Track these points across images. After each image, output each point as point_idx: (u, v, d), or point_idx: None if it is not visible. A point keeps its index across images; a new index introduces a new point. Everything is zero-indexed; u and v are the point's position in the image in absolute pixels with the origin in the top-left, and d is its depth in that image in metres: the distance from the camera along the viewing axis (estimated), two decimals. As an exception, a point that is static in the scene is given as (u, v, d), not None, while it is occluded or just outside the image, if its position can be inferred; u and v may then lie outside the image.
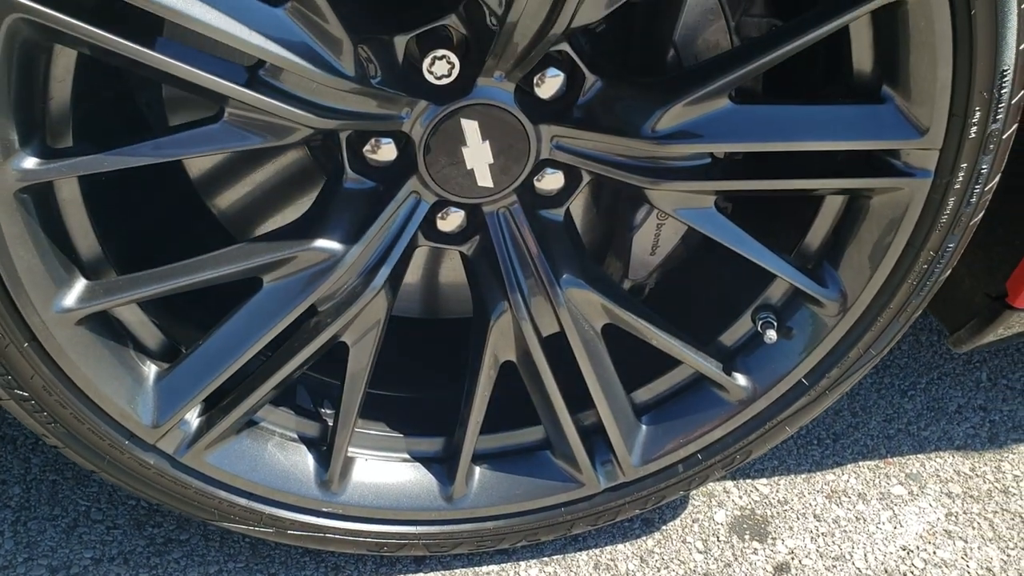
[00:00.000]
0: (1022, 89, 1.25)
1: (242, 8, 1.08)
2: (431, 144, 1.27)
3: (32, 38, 1.05)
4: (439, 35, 1.22)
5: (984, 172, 1.30)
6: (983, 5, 1.14)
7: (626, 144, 1.28)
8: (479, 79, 1.23)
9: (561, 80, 1.27)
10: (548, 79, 1.27)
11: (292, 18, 1.10)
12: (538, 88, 1.27)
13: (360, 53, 1.17)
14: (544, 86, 1.27)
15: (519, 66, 1.21)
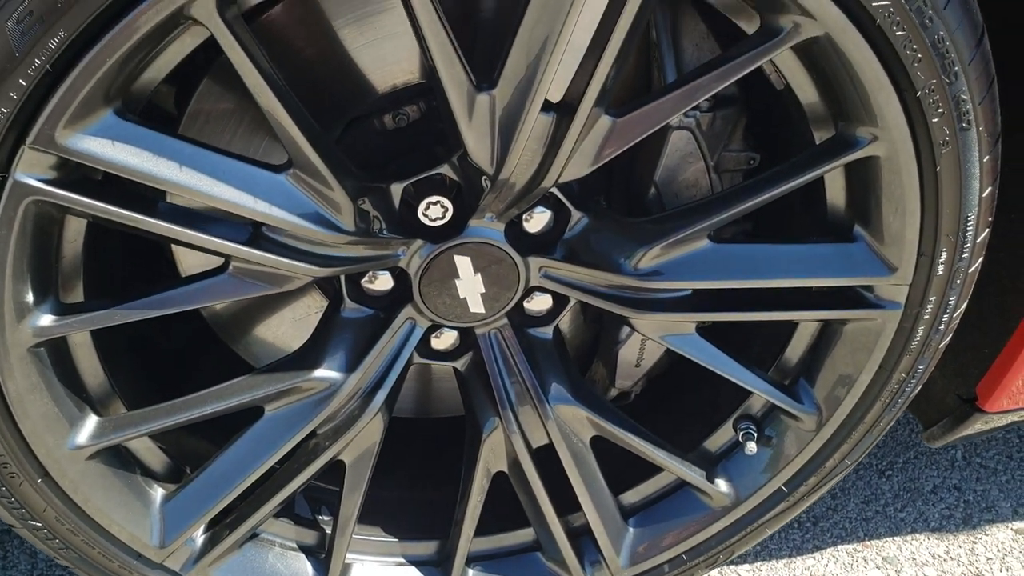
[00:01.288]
0: (986, 229, 1.32)
1: (245, 178, 1.14)
2: (426, 277, 1.33)
3: (46, 212, 1.11)
4: (433, 182, 1.28)
5: (952, 303, 1.37)
6: (947, 163, 1.21)
7: (609, 278, 1.34)
8: (471, 220, 1.30)
9: (548, 216, 1.34)
10: (536, 215, 1.33)
11: (293, 184, 1.17)
12: (527, 223, 1.34)
13: (359, 208, 1.23)
14: (532, 221, 1.34)
15: (509, 210, 1.28)
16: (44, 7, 0.93)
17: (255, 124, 1.33)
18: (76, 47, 0.96)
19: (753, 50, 1.13)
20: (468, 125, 1.15)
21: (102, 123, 1.04)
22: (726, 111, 1.37)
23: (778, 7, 1.10)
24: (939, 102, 1.16)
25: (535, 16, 1.06)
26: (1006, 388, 1.58)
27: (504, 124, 1.16)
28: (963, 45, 1.14)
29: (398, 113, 1.36)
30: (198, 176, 1.10)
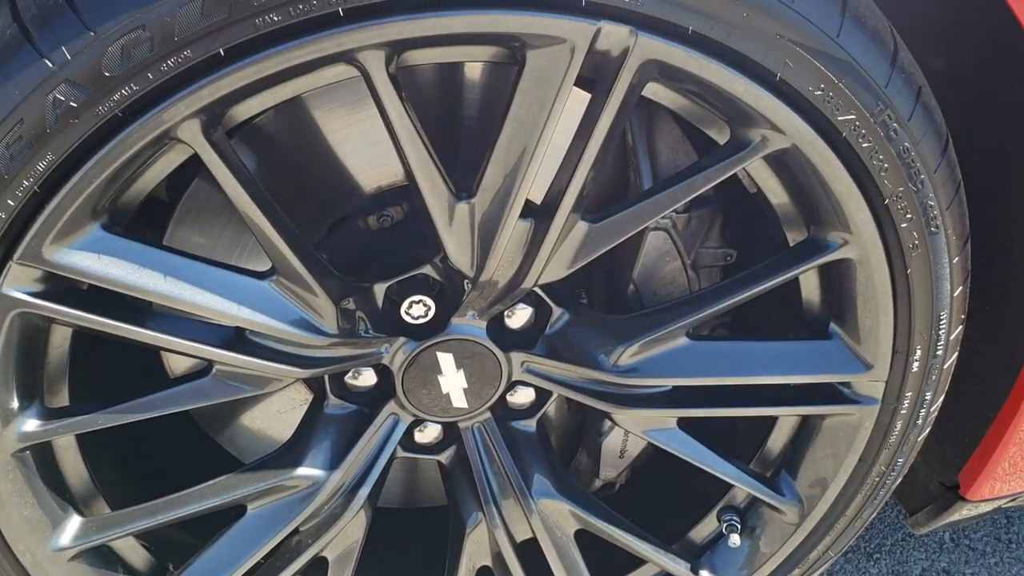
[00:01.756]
0: (959, 326, 1.35)
1: (229, 285, 1.16)
2: (409, 373, 1.34)
3: (32, 322, 1.13)
4: (416, 281, 1.31)
5: (928, 398, 1.39)
6: (918, 265, 1.24)
7: (590, 374, 1.36)
8: (453, 317, 1.32)
9: (530, 313, 1.36)
10: (518, 311, 1.36)
11: (277, 290, 1.19)
12: (508, 319, 1.36)
13: (342, 309, 1.25)
14: (514, 317, 1.36)
15: (490, 308, 1.30)
16: (33, 132, 0.96)
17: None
18: (64, 169, 0.99)
19: (724, 160, 1.16)
20: (448, 232, 1.18)
21: (89, 238, 1.06)
22: (701, 211, 1.40)
23: (747, 120, 1.13)
24: (907, 208, 1.20)
25: (512, 132, 1.10)
26: (987, 478, 1.59)
27: (483, 231, 1.19)
28: (928, 154, 1.18)
29: (382, 214, 1.39)
30: (182, 286, 1.12)
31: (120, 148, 0.99)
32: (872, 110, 1.12)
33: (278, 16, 0.94)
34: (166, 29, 0.93)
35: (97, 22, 0.93)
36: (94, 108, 0.96)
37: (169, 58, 0.94)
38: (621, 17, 1.00)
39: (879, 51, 1.10)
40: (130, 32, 0.93)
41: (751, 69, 1.06)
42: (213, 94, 0.97)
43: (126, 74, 0.95)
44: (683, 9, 1.00)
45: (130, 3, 0.92)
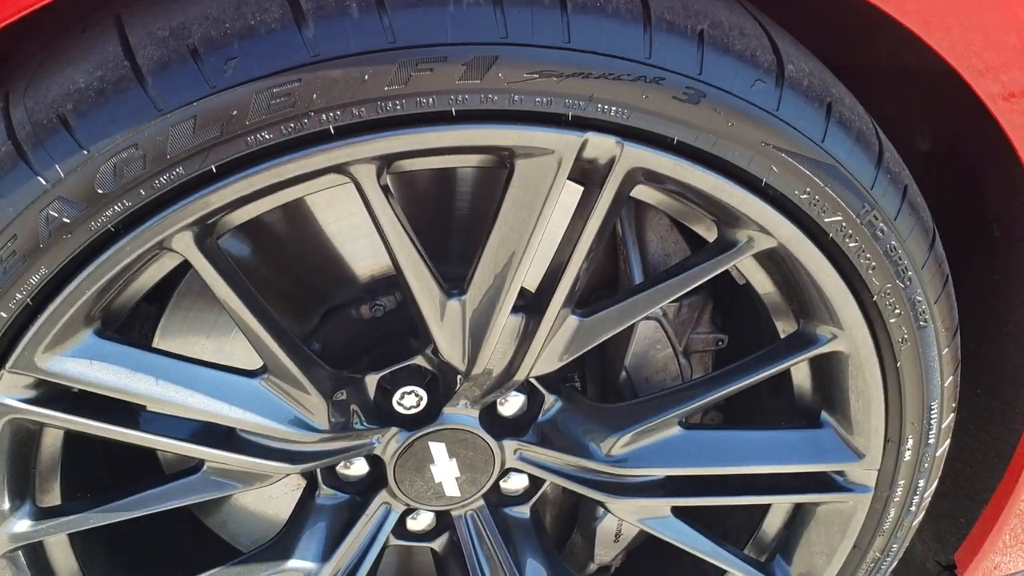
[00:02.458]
0: (951, 414, 1.35)
1: (220, 386, 1.16)
2: (401, 463, 1.34)
3: (23, 426, 1.14)
4: (408, 372, 1.31)
5: (921, 485, 1.39)
6: (908, 358, 1.25)
7: (583, 463, 1.36)
8: (445, 407, 1.32)
9: (523, 400, 1.37)
10: (510, 399, 1.36)
11: (268, 388, 1.19)
12: (501, 407, 1.36)
13: (334, 402, 1.26)
14: (507, 405, 1.36)
15: (483, 399, 1.30)
16: (27, 247, 0.97)
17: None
18: (57, 281, 1.00)
19: (712, 259, 1.17)
20: (439, 328, 1.19)
21: (81, 345, 1.07)
22: (692, 299, 1.41)
23: (734, 221, 1.14)
24: (895, 304, 1.20)
25: (501, 234, 1.11)
26: (983, 559, 1.58)
27: (474, 327, 1.19)
28: (916, 251, 1.19)
29: (374, 303, 1.40)
30: (173, 388, 1.13)
31: (113, 260, 1.00)
32: (859, 211, 1.13)
33: (270, 134, 0.95)
34: (158, 147, 0.94)
35: (91, 141, 0.94)
36: (87, 223, 0.97)
37: (161, 175, 0.96)
38: (607, 129, 1.02)
39: (864, 153, 1.12)
40: (123, 150, 0.94)
41: (737, 175, 1.08)
42: (205, 207, 0.99)
43: (119, 191, 0.96)
44: (668, 121, 1.02)
45: (123, 123, 0.93)
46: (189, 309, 1.36)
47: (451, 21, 0.94)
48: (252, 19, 0.93)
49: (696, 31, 1.01)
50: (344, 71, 0.94)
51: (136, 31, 0.96)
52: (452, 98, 0.97)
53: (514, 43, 0.95)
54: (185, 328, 1.38)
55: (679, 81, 1.00)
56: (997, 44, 1.11)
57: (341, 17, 0.93)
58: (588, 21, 0.97)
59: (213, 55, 0.92)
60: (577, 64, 0.97)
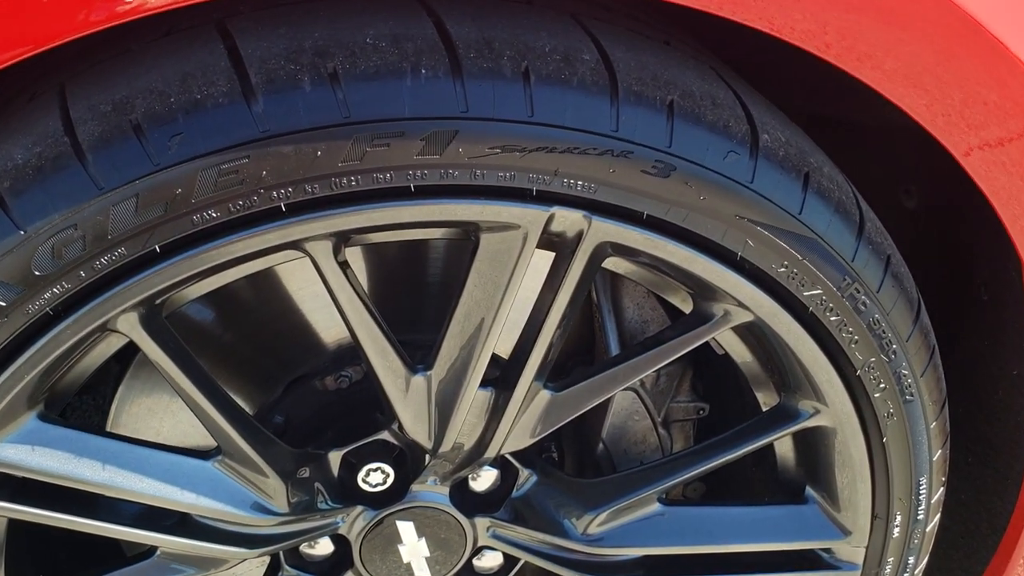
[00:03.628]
0: (940, 488, 1.30)
1: (171, 469, 1.11)
2: (367, 543, 1.28)
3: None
4: (374, 448, 1.25)
5: (911, 562, 1.34)
6: (894, 433, 1.20)
7: (558, 542, 1.30)
8: (413, 484, 1.26)
9: (495, 475, 1.31)
10: (483, 474, 1.30)
11: (222, 470, 1.14)
12: (472, 482, 1.30)
13: (296, 480, 1.20)
14: (479, 480, 1.30)
15: (452, 475, 1.25)
16: (-41, 332, 0.92)
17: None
18: (-7, 365, 0.95)
19: (688, 332, 1.12)
20: (403, 405, 1.14)
21: (23, 430, 1.01)
22: (670, 368, 1.36)
23: (710, 295, 1.10)
24: (880, 378, 1.16)
25: (467, 308, 1.06)
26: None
27: (441, 402, 1.14)
28: (900, 323, 1.14)
29: (339, 374, 1.34)
30: (121, 473, 1.07)
31: (53, 344, 0.94)
32: (839, 284, 1.08)
33: (217, 212, 0.91)
34: (99, 227, 0.89)
35: (27, 221, 0.89)
36: (24, 306, 0.92)
37: (102, 256, 0.90)
38: (574, 203, 0.97)
39: (844, 224, 1.08)
40: (62, 231, 0.89)
41: (711, 248, 1.03)
42: (150, 288, 0.93)
43: (57, 273, 0.91)
44: (637, 195, 0.98)
45: (62, 202, 0.88)
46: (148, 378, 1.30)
47: (408, 95, 0.90)
48: (198, 93, 0.88)
49: (666, 102, 0.97)
50: (296, 147, 0.89)
51: (78, 104, 0.91)
52: (410, 174, 0.92)
53: (475, 117, 0.91)
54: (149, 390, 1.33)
55: (648, 154, 0.96)
56: (973, 102, 1.07)
57: (292, 91, 0.89)
58: (552, 94, 0.93)
59: (157, 131, 0.88)
60: (541, 138, 0.93)
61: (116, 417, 1.32)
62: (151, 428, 1.34)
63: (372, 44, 0.91)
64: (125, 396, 1.31)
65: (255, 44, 0.91)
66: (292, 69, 0.89)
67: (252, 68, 0.89)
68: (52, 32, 0.81)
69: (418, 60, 0.91)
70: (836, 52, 0.91)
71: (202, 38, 0.93)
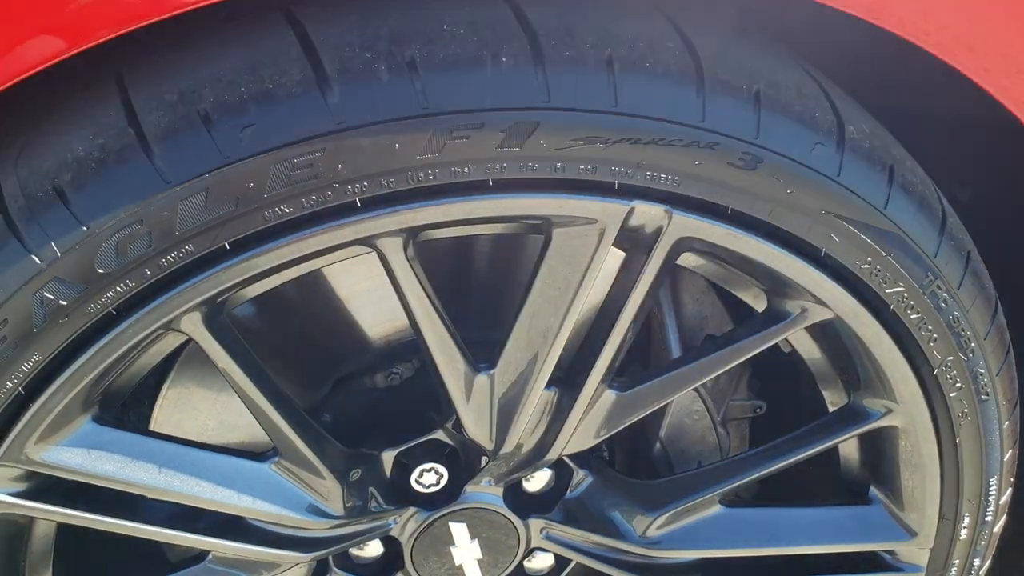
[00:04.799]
0: (1009, 489, 1.26)
1: (228, 472, 1.07)
2: (419, 545, 1.25)
3: (12, 521, 1.04)
4: (427, 448, 1.22)
5: (976, 564, 1.30)
6: (967, 433, 1.16)
7: (614, 544, 1.27)
8: (467, 485, 1.23)
9: (550, 475, 1.27)
10: (536, 474, 1.26)
11: (279, 472, 1.10)
12: (526, 482, 1.27)
13: (349, 484, 1.16)
14: (532, 480, 1.27)
15: (508, 476, 1.21)
16: (18, 333, 0.88)
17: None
18: (51, 368, 0.91)
19: (761, 332, 1.08)
20: (465, 405, 1.10)
21: (78, 433, 0.97)
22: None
23: (787, 292, 1.06)
24: (957, 377, 1.12)
25: (536, 306, 1.02)
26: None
27: (504, 404, 1.10)
28: (978, 321, 1.11)
29: (390, 371, 1.31)
30: (178, 477, 1.03)
31: (113, 345, 0.90)
32: (921, 281, 1.04)
33: (289, 208, 0.86)
34: (166, 223, 0.85)
35: (90, 216, 0.85)
36: (85, 306, 0.88)
37: (169, 253, 0.86)
38: (655, 197, 0.93)
39: (928, 219, 1.04)
40: (126, 227, 0.85)
41: (794, 244, 0.99)
42: (217, 286, 0.89)
43: (121, 270, 0.87)
44: (722, 188, 0.94)
45: (127, 196, 0.84)
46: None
47: (489, 84, 0.86)
48: (270, 82, 0.84)
49: (752, 91, 0.93)
50: (373, 140, 0.85)
51: (141, 93, 0.87)
52: (489, 167, 0.88)
53: (558, 107, 0.87)
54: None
55: (735, 146, 0.92)
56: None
57: (369, 81, 0.85)
58: (637, 82, 0.89)
59: (227, 122, 0.83)
60: (625, 129, 0.88)
61: (158, 418, 1.28)
62: (196, 428, 1.30)
63: (450, 31, 0.87)
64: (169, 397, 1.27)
65: (327, 31, 0.87)
66: (368, 58, 0.85)
67: (326, 56, 0.85)
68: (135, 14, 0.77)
69: (498, 48, 0.87)
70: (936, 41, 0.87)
71: (270, 24, 0.89)
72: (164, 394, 1.27)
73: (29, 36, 0.80)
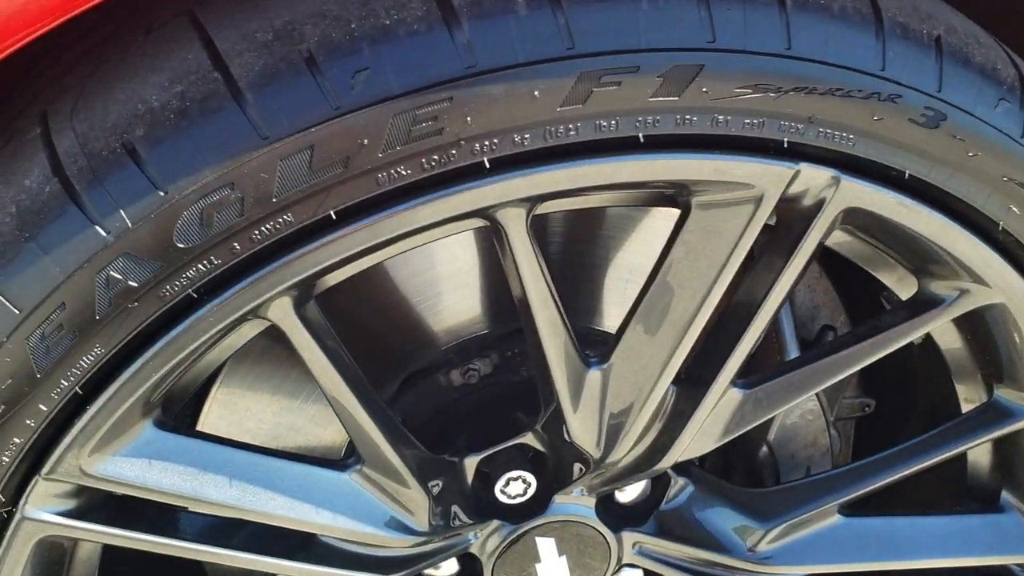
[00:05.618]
0: None
1: (306, 483, 0.93)
2: (501, 562, 1.11)
3: (58, 542, 0.89)
4: (513, 453, 1.08)
5: (1121, 580, 1.19)
6: None
7: (719, 559, 1.14)
8: (557, 496, 1.09)
9: (644, 484, 1.14)
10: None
11: (362, 484, 0.96)
12: (619, 493, 1.14)
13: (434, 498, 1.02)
14: (626, 490, 1.13)
15: (606, 486, 1.08)
16: (78, 320, 0.73)
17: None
18: (114, 363, 0.76)
19: (914, 317, 0.95)
20: (573, 405, 0.96)
21: (138, 440, 0.82)
22: (846, 359, 1.20)
23: (945, 272, 0.93)
24: (1122, 370, 1.00)
25: (666, 289, 0.88)
26: None
27: (616, 404, 0.97)
28: None
29: (467, 368, 1.17)
30: (251, 491, 0.88)
31: (189, 335, 0.75)
32: (1101, 263, 0.92)
33: (408, 170, 0.72)
34: (262, 188, 0.71)
35: (170, 178, 0.70)
36: (160, 288, 0.73)
37: (263, 224, 0.72)
38: (825, 159, 0.80)
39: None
40: (214, 191, 0.70)
41: (968, 217, 0.86)
42: (315, 264, 0.75)
43: (206, 244, 0.72)
44: (900, 150, 0.80)
45: (214, 154, 0.70)
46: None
47: (645, 20, 0.72)
48: (387, 18, 0.70)
49: (933, 37, 0.80)
50: (508, 86, 0.71)
51: (226, 33, 0.73)
52: (640, 120, 0.75)
53: (723, 49, 0.73)
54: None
55: (917, 99, 0.79)
56: None
57: (504, 15, 0.71)
58: (811, 21, 0.75)
59: (336, 65, 0.69)
60: (800, 76, 0.75)
61: (206, 421, 1.14)
62: (247, 431, 1.15)
63: (597, -45, 0.73)
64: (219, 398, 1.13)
65: (450, -45, 0.73)
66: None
67: (452, -14, 0.71)
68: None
69: (655, -23, 0.73)
70: None
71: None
72: (214, 395, 1.12)
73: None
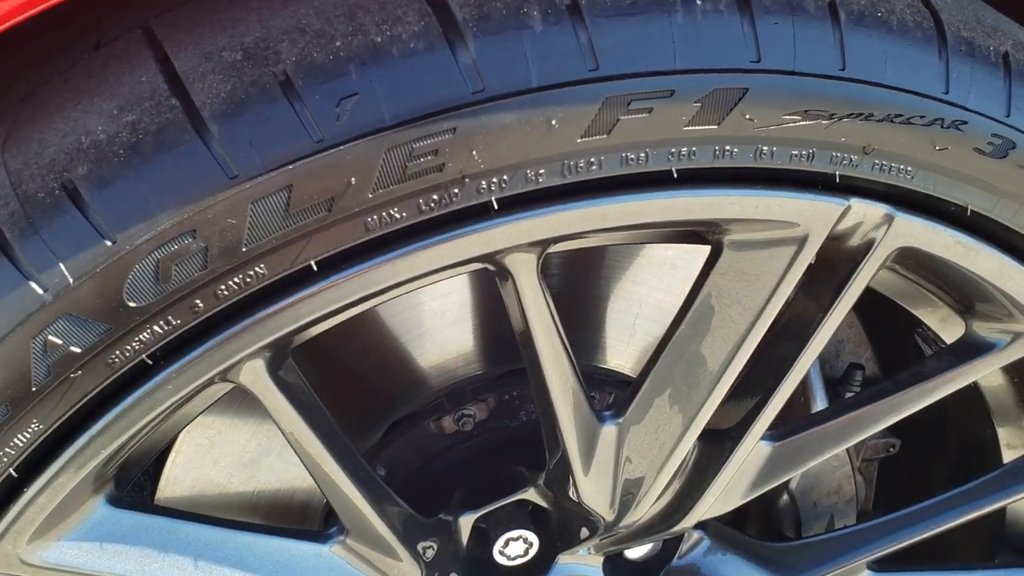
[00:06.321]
0: None
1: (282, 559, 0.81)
2: (498, 627, 1.01)
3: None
4: (513, 511, 0.98)
5: None
6: None
7: (738, 620, 1.04)
8: (561, 555, 0.99)
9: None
10: (642, 539, 1.03)
11: (344, 557, 0.84)
12: (627, 549, 1.03)
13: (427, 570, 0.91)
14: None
15: (616, 545, 0.97)
16: (10, 392, 0.61)
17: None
18: (54, 440, 0.64)
19: (962, 364, 0.86)
20: (584, 464, 0.86)
21: (88, 521, 0.71)
22: (873, 399, 1.10)
23: (998, 315, 0.83)
24: None
25: (692, 336, 0.78)
26: None
27: (633, 461, 0.86)
28: None
29: (460, 413, 1.06)
30: (220, 572, 0.77)
31: (144, 406, 0.64)
32: None
33: (402, 212, 0.61)
34: (229, 235, 0.59)
35: (119, 226, 0.58)
36: (108, 354, 0.62)
37: (231, 277, 0.61)
38: (878, 194, 0.70)
39: None
40: (172, 241, 0.59)
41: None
42: (292, 322, 0.64)
43: (162, 303, 0.61)
44: (963, 183, 0.71)
45: (172, 197, 0.58)
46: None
47: (680, 37, 0.62)
48: (378, 34, 0.59)
49: (999, 54, 0.70)
50: (520, 115, 0.60)
51: (186, 52, 0.61)
52: (674, 152, 0.64)
53: (770, 70, 0.63)
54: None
55: (984, 126, 0.69)
56: None
57: (516, 32, 0.60)
58: (868, 39, 0.65)
59: (318, 91, 0.58)
60: (855, 101, 0.65)
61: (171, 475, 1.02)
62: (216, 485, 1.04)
63: (622, -35, 0.63)
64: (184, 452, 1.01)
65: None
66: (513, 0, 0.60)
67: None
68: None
69: (690, -13, 0.63)
70: None
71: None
72: (178, 448, 1.01)
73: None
